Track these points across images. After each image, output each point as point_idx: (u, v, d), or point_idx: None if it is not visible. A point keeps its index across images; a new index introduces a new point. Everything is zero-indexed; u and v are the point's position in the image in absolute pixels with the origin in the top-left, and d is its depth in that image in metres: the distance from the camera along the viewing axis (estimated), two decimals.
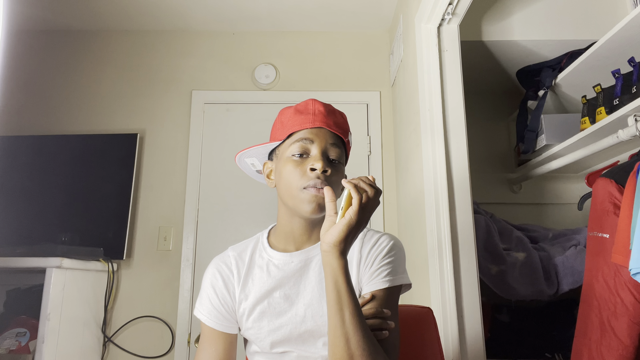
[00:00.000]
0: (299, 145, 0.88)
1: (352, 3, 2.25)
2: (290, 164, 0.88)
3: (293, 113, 0.92)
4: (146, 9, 2.30)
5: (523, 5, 1.95)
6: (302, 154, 0.88)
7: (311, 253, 0.92)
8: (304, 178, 0.86)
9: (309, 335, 0.88)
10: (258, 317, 0.90)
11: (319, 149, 0.88)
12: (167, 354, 2.07)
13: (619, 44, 1.58)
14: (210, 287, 0.93)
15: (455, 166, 1.56)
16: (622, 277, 1.26)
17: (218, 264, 0.96)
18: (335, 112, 0.94)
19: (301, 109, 0.92)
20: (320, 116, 0.90)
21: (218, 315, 0.92)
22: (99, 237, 2.09)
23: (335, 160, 0.89)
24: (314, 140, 0.88)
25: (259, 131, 2.34)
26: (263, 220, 2.23)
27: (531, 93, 2.10)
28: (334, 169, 0.88)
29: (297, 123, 0.90)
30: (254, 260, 0.95)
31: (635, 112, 1.40)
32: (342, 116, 0.96)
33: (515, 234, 1.85)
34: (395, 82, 2.29)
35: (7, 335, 1.76)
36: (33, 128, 2.30)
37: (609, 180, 1.38)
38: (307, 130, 0.89)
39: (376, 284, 0.87)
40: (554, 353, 1.82)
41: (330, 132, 0.90)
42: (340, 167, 0.91)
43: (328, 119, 0.90)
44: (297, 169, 0.87)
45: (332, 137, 0.90)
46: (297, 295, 0.89)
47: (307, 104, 0.93)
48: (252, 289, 0.91)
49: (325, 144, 0.88)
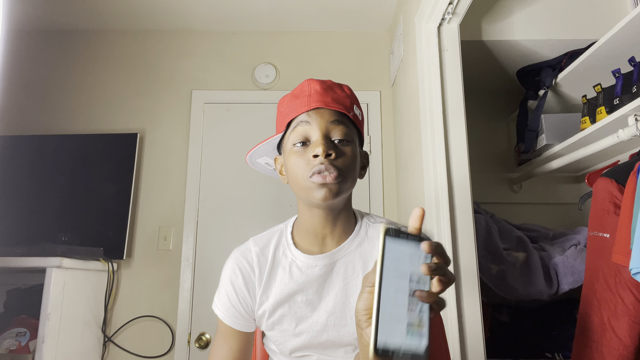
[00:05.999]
0: (298, 132, 0.82)
1: (352, 3, 2.25)
2: (293, 155, 0.82)
3: (290, 99, 0.86)
4: (146, 9, 2.30)
5: (523, 5, 1.95)
6: (303, 142, 0.82)
7: (335, 256, 0.86)
8: (308, 166, 0.80)
9: (329, 344, 0.86)
10: (278, 320, 0.87)
11: (320, 132, 0.80)
12: (167, 354, 2.07)
13: (619, 44, 1.58)
14: (230, 284, 0.89)
15: (455, 166, 1.56)
16: (623, 276, 1.26)
17: (239, 259, 0.90)
18: (334, 87, 0.86)
19: (297, 93, 0.85)
20: (315, 96, 0.82)
21: (236, 313, 0.89)
22: (99, 237, 2.09)
23: (343, 140, 0.81)
24: (312, 123, 0.81)
25: (259, 131, 2.34)
26: (263, 220, 2.24)
27: (531, 93, 2.10)
28: (340, 149, 0.81)
29: (294, 109, 0.83)
30: (277, 258, 0.89)
31: (635, 112, 1.40)
32: (343, 89, 0.87)
33: (515, 233, 1.85)
34: (395, 82, 2.29)
35: (7, 335, 1.76)
36: (33, 128, 2.30)
37: (609, 180, 1.38)
38: (304, 115, 0.82)
39: None
40: (554, 353, 1.82)
41: (329, 110, 0.82)
42: (350, 145, 0.83)
43: (325, 97, 0.82)
44: (300, 159, 0.81)
45: (333, 115, 0.82)
46: (319, 301, 0.85)
47: (303, 86, 0.85)
48: (274, 291, 0.87)
49: (325, 125, 0.81)
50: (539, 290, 1.67)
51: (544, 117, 1.96)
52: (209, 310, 2.11)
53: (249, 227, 2.21)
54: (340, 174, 0.79)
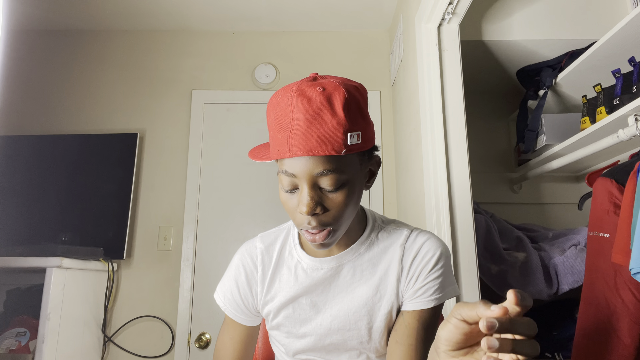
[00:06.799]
0: (284, 181, 0.75)
1: (352, 3, 2.25)
2: (283, 194, 0.77)
3: (275, 124, 0.73)
4: (146, 9, 2.30)
5: (523, 5, 1.95)
6: (291, 189, 0.75)
7: (342, 260, 0.84)
8: (297, 219, 0.75)
9: (333, 348, 0.86)
10: (282, 322, 0.87)
11: (306, 185, 0.72)
12: (167, 354, 2.07)
13: (619, 44, 1.58)
14: (233, 280, 0.90)
15: (455, 166, 1.56)
16: (623, 276, 1.26)
17: (244, 257, 0.90)
18: (322, 114, 0.70)
19: (280, 119, 0.72)
20: (298, 136, 0.70)
21: (236, 307, 0.90)
22: (99, 237, 2.09)
23: (332, 190, 0.73)
24: (297, 175, 0.72)
25: (259, 131, 2.34)
26: (263, 220, 2.24)
27: (531, 93, 2.10)
28: (330, 200, 0.74)
29: (277, 144, 0.73)
30: (282, 257, 0.88)
31: (635, 112, 1.40)
32: (334, 112, 0.70)
33: (515, 233, 1.85)
34: (395, 82, 2.29)
35: (7, 335, 1.76)
36: (33, 128, 2.30)
37: (609, 179, 1.38)
38: (288, 162, 0.72)
39: (421, 303, 0.81)
40: (554, 353, 1.82)
41: (315, 158, 0.71)
42: (344, 189, 0.74)
43: (310, 137, 0.69)
44: (288, 203, 0.76)
45: (320, 164, 0.71)
46: (324, 304, 0.85)
47: (286, 112, 0.71)
48: (279, 292, 0.87)
49: (310, 179, 0.72)
50: (539, 290, 1.67)
51: (544, 117, 1.96)
52: (209, 310, 2.11)
53: (249, 227, 2.21)
54: (330, 228, 0.75)
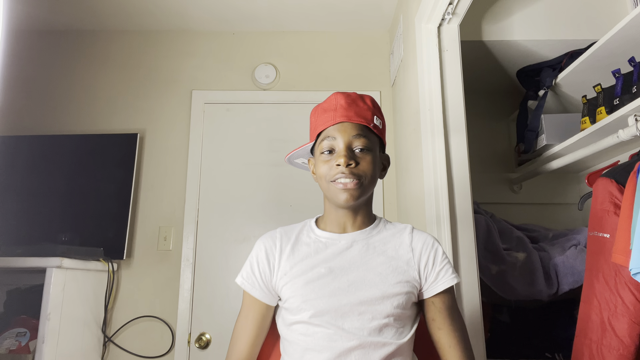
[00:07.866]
0: (325, 144, 0.97)
1: (352, 3, 2.25)
2: (321, 161, 0.97)
3: (320, 112, 1.00)
4: (146, 9, 2.30)
5: (523, 5, 1.95)
6: (330, 151, 0.96)
7: (357, 237, 0.99)
8: (331, 172, 0.95)
9: (348, 310, 0.91)
10: (301, 286, 0.95)
11: (343, 144, 0.95)
12: (167, 354, 2.06)
13: (619, 44, 1.58)
14: (254, 258, 1.01)
15: (455, 166, 1.56)
16: (623, 277, 1.26)
17: (264, 238, 1.04)
18: (357, 101, 0.99)
19: (326, 107, 0.99)
20: (341, 110, 0.97)
21: (254, 281, 1.00)
22: (99, 237, 2.09)
23: (363, 149, 0.95)
24: (337, 137, 0.95)
25: (259, 131, 2.34)
26: (263, 220, 2.24)
27: (531, 93, 2.10)
28: (360, 158, 0.95)
29: (322, 122, 0.98)
30: (301, 238, 1.02)
31: (635, 112, 1.40)
32: (365, 102, 1.00)
33: (515, 233, 1.85)
34: (395, 82, 2.29)
35: (7, 335, 1.76)
36: (33, 128, 2.30)
37: (609, 180, 1.38)
38: (331, 128, 0.97)
39: (446, 282, 0.98)
40: (554, 353, 1.82)
41: (352, 124, 0.96)
42: (370, 154, 0.96)
43: (349, 111, 0.96)
44: (326, 164, 0.96)
45: (355, 129, 0.96)
46: (341, 270, 0.95)
47: (330, 101, 0.99)
48: (297, 262, 0.97)
49: (348, 138, 0.95)
50: (539, 291, 1.67)
51: (544, 117, 1.96)
52: (209, 310, 2.11)
53: (249, 227, 2.21)
54: (359, 180, 0.94)
